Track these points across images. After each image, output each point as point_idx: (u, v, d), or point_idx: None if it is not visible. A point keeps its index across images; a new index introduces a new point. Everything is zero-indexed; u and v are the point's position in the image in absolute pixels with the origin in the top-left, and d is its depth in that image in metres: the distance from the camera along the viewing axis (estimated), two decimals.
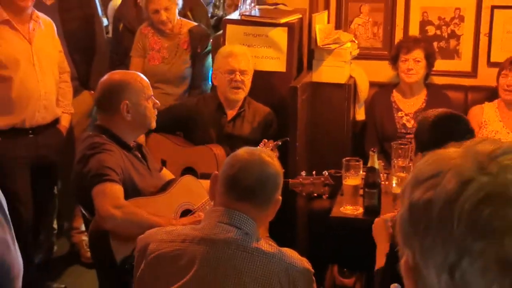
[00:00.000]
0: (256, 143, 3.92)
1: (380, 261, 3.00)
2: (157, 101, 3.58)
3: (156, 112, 3.59)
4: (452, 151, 1.05)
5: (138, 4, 5.09)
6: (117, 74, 3.63)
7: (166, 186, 3.51)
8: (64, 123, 4.60)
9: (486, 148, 1.02)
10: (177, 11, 4.85)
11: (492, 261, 0.94)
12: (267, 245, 2.56)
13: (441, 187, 1.00)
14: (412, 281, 1.06)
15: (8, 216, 1.95)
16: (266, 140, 3.96)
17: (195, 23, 5.05)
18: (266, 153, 2.71)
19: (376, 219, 3.39)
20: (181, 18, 4.96)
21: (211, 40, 5.04)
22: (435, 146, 2.99)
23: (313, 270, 2.59)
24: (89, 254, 4.72)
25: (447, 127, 3.04)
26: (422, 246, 1.02)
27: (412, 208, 1.04)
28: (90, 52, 5.03)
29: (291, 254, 2.58)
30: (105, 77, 3.61)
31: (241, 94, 4.24)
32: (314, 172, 3.76)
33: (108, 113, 3.49)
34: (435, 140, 2.97)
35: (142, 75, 3.60)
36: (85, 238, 4.97)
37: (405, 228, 1.05)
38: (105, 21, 6.12)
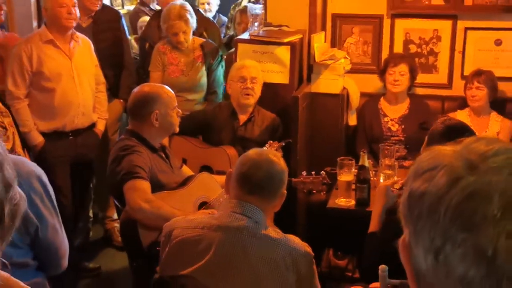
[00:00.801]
0: (264, 145, 3.90)
1: (373, 223, 2.98)
2: (180, 110, 3.59)
3: (179, 119, 3.60)
4: (449, 149, 1.04)
5: (160, 26, 5.09)
6: (148, 87, 3.62)
7: (185, 181, 3.50)
8: (100, 127, 4.61)
9: (480, 148, 1.00)
10: (191, 32, 4.84)
11: (470, 249, 0.93)
12: (274, 232, 2.57)
13: (434, 181, 0.99)
14: (406, 257, 1.06)
15: (56, 205, 1.96)
16: (271, 142, 3.92)
17: (204, 39, 5.04)
18: (273, 153, 2.71)
19: (380, 184, 3.38)
20: (193, 36, 4.94)
21: (225, 56, 5.03)
22: None
23: (313, 254, 2.59)
24: (120, 238, 4.73)
25: (454, 137, 2.97)
26: (415, 230, 1.01)
27: (410, 196, 1.04)
28: (119, 67, 5.03)
29: (294, 239, 2.58)
30: (138, 89, 3.61)
31: (252, 100, 4.21)
32: (313, 172, 3.73)
33: (139, 120, 3.50)
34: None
35: (169, 88, 3.60)
36: (116, 225, 4.98)
37: (404, 211, 1.05)
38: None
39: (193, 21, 4.79)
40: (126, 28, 5.24)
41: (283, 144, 3.93)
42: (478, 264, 0.92)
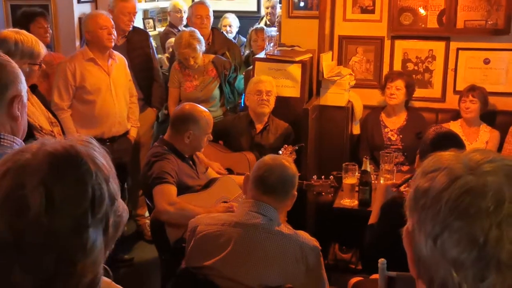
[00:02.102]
0: (278, 150, 3.90)
1: (373, 215, 2.99)
2: (211, 136, 3.59)
3: (206, 143, 3.61)
4: (450, 154, 1.08)
5: None
6: (193, 108, 3.57)
7: (208, 183, 3.52)
8: (133, 134, 4.64)
9: (476, 157, 1.05)
10: (201, 53, 4.83)
11: (464, 237, 0.97)
12: (286, 228, 2.58)
13: (437, 179, 1.04)
14: (408, 243, 1.10)
15: None
16: (286, 145, 3.92)
17: (215, 55, 5.02)
18: (286, 159, 2.72)
19: (381, 183, 3.37)
20: (204, 54, 4.95)
21: (244, 72, 5.06)
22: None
23: (320, 247, 2.59)
24: (150, 233, 4.76)
25: (443, 144, 2.94)
26: (419, 218, 1.05)
27: (416, 191, 1.07)
28: (150, 80, 5.05)
29: (304, 235, 2.59)
30: (184, 105, 3.63)
31: (267, 109, 4.21)
32: (323, 177, 3.73)
33: (174, 132, 3.51)
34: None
35: (209, 114, 3.59)
36: (147, 221, 4.98)
37: (410, 204, 1.09)
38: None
39: (200, 46, 4.77)
40: (153, 46, 5.28)
41: (297, 147, 3.93)
42: (471, 249, 0.96)
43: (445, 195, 1.01)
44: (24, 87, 1.86)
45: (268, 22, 6.75)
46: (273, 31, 4.64)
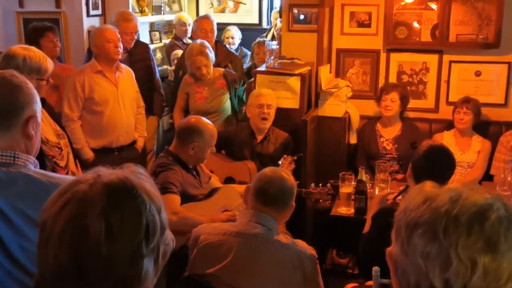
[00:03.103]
0: (278, 159, 3.91)
1: (367, 226, 3.00)
2: (214, 148, 3.61)
3: (209, 155, 3.62)
4: (428, 186, 1.15)
5: None
6: (198, 121, 3.58)
7: (211, 193, 3.54)
8: (140, 143, 4.65)
9: (451, 195, 1.10)
10: (212, 63, 4.85)
11: (428, 232, 1.06)
12: (284, 237, 2.60)
13: (412, 201, 1.13)
14: (389, 256, 1.17)
15: None
16: (286, 156, 3.93)
17: (224, 69, 5.05)
18: (285, 171, 2.74)
19: (377, 194, 3.38)
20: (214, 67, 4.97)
21: (246, 84, 5.08)
22: (427, 172, 2.97)
23: (317, 256, 2.61)
24: None
25: (435, 158, 2.94)
26: (396, 230, 1.15)
27: (398, 212, 1.16)
28: (152, 90, 5.10)
29: (301, 243, 2.61)
30: (191, 118, 3.65)
31: (267, 124, 4.23)
32: (320, 184, 3.74)
33: (180, 143, 3.52)
34: (427, 167, 2.90)
35: (214, 128, 3.61)
36: None
37: (395, 222, 1.16)
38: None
39: (212, 55, 4.81)
40: (153, 58, 5.32)
41: (295, 158, 3.95)
42: (433, 241, 1.05)
43: (414, 209, 1.11)
44: (39, 108, 1.89)
45: (275, 34, 6.77)
46: (274, 44, 4.66)
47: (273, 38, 6.67)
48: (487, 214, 1.04)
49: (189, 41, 6.17)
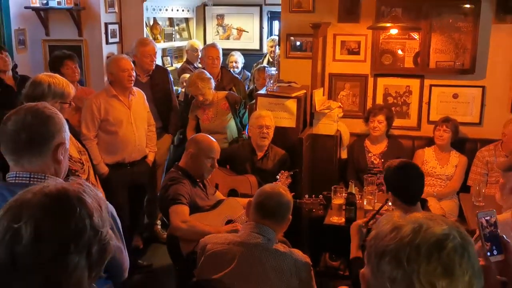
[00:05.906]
0: (276, 174, 3.94)
1: (353, 252, 2.98)
2: (217, 164, 3.62)
3: (212, 170, 3.62)
4: (401, 220, 1.17)
5: None
6: (198, 134, 3.64)
7: (216, 204, 3.56)
8: (150, 158, 4.60)
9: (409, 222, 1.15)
10: (211, 91, 4.81)
11: (393, 260, 1.10)
12: (282, 247, 2.60)
13: (382, 228, 1.16)
14: (362, 277, 1.20)
15: (120, 226, 2.00)
16: (283, 171, 3.96)
17: (227, 92, 5.03)
18: (282, 188, 2.75)
19: (353, 223, 3.37)
20: (216, 91, 4.96)
21: (248, 106, 5.10)
22: (398, 186, 2.99)
23: (311, 263, 2.62)
24: (162, 236, 4.90)
25: (405, 172, 2.98)
26: (367, 257, 1.18)
27: (369, 238, 1.19)
28: (169, 111, 5.09)
29: (297, 252, 2.61)
30: (196, 134, 3.75)
31: (267, 142, 4.25)
32: (313, 196, 3.78)
33: (185, 156, 3.59)
34: (398, 181, 2.97)
35: (214, 141, 3.63)
36: (159, 226, 5.17)
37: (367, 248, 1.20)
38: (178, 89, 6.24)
39: (203, 84, 4.72)
40: (172, 81, 5.34)
41: (292, 173, 3.98)
42: (398, 268, 1.09)
43: (382, 237, 1.14)
44: (67, 135, 1.92)
45: (270, 59, 6.82)
46: (272, 70, 4.69)
47: (268, 63, 6.73)
48: (444, 243, 1.09)
49: (199, 65, 6.20)
